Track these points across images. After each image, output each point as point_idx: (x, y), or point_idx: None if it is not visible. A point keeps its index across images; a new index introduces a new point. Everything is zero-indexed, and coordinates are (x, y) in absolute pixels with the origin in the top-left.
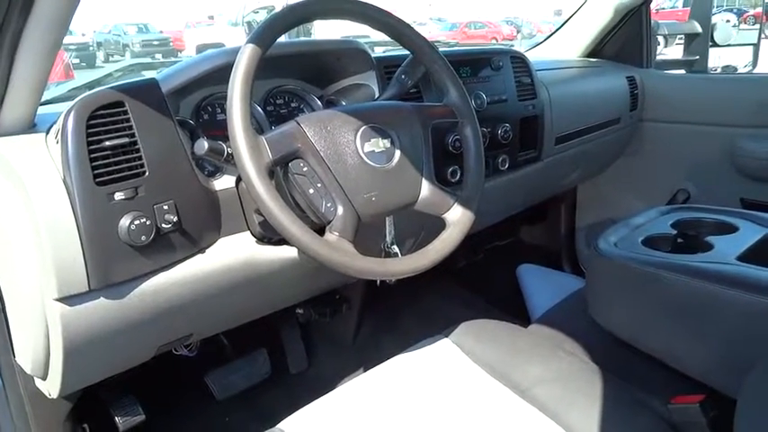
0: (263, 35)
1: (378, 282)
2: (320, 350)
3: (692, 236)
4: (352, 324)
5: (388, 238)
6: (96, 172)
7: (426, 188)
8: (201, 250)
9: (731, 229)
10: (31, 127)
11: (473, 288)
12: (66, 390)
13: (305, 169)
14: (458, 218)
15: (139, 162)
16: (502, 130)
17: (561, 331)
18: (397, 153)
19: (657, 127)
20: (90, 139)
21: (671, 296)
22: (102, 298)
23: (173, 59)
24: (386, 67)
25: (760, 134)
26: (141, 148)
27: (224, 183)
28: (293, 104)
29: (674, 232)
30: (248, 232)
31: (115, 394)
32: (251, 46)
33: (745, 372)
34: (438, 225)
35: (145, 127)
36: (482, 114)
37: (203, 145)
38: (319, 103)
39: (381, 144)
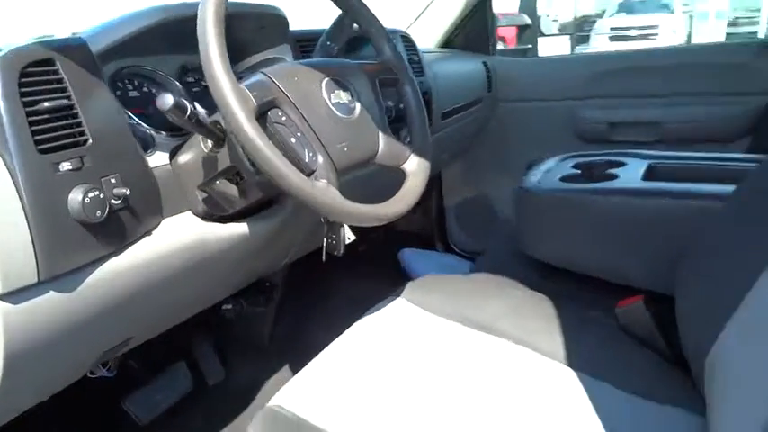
0: None
1: (324, 255)
2: (237, 357)
3: (595, 172)
4: (269, 323)
5: None
6: (37, 138)
7: (384, 141)
8: (148, 232)
9: (620, 164)
10: None
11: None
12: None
13: (284, 119)
14: (416, 167)
15: (80, 129)
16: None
17: (500, 273)
18: (358, 106)
19: (509, 106)
20: (24, 99)
21: (598, 216)
22: (51, 291)
23: None
24: (299, 41)
25: (592, 104)
26: (80, 112)
27: (157, 160)
28: (204, 83)
29: (579, 171)
30: (189, 212)
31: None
32: None
33: (674, 268)
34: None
35: (80, 90)
36: None
37: (167, 100)
38: None
39: (344, 96)
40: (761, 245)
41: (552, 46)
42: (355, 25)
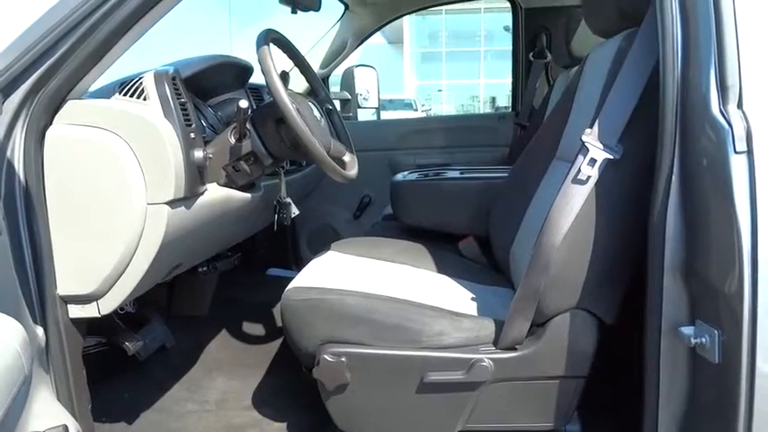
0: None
1: (275, 226)
2: (182, 327)
3: (430, 175)
4: (210, 291)
5: (283, 192)
6: (183, 118)
7: (333, 141)
8: (206, 189)
9: (444, 172)
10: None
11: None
12: (127, 299)
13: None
14: (350, 159)
15: (188, 118)
16: None
17: (386, 236)
18: (323, 120)
19: None
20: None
21: (441, 193)
22: (182, 206)
23: None
24: (250, 88)
25: (404, 152)
26: (189, 108)
27: None
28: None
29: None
30: (215, 183)
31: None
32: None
33: (487, 218)
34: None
35: (186, 96)
36: None
37: (245, 103)
38: (212, 112)
39: (317, 113)
40: (523, 193)
41: (365, 115)
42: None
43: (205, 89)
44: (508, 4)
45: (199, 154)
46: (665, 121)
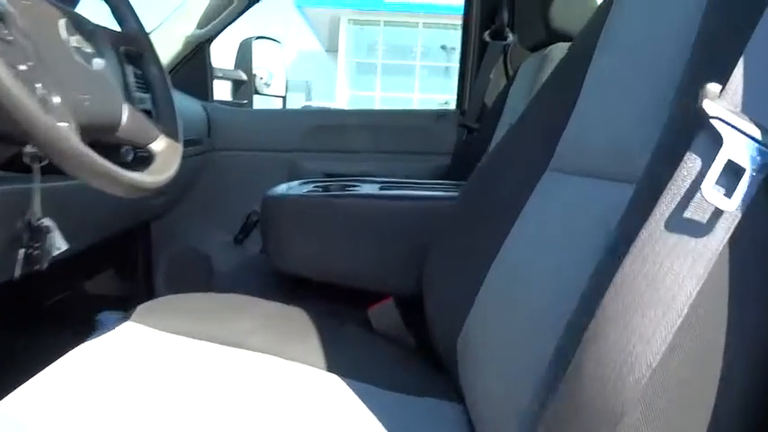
0: None
1: (17, 270)
2: None
3: (333, 189)
4: None
5: (35, 207)
6: None
7: (129, 113)
8: None
9: (355, 185)
10: None
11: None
12: None
13: (10, 38)
14: (166, 146)
15: None
16: None
17: (249, 290)
18: (101, 61)
19: (227, 155)
20: None
21: (344, 220)
22: None
23: None
24: None
25: (312, 156)
26: None
27: None
28: None
29: (320, 189)
30: None
31: None
32: None
33: (416, 270)
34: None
35: None
36: None
37: None
38: None
39: (85, 44)
40: (487, 230)
41: (267, 104)
42: None
43: None
44: (446, 21)
45: None
46: None
